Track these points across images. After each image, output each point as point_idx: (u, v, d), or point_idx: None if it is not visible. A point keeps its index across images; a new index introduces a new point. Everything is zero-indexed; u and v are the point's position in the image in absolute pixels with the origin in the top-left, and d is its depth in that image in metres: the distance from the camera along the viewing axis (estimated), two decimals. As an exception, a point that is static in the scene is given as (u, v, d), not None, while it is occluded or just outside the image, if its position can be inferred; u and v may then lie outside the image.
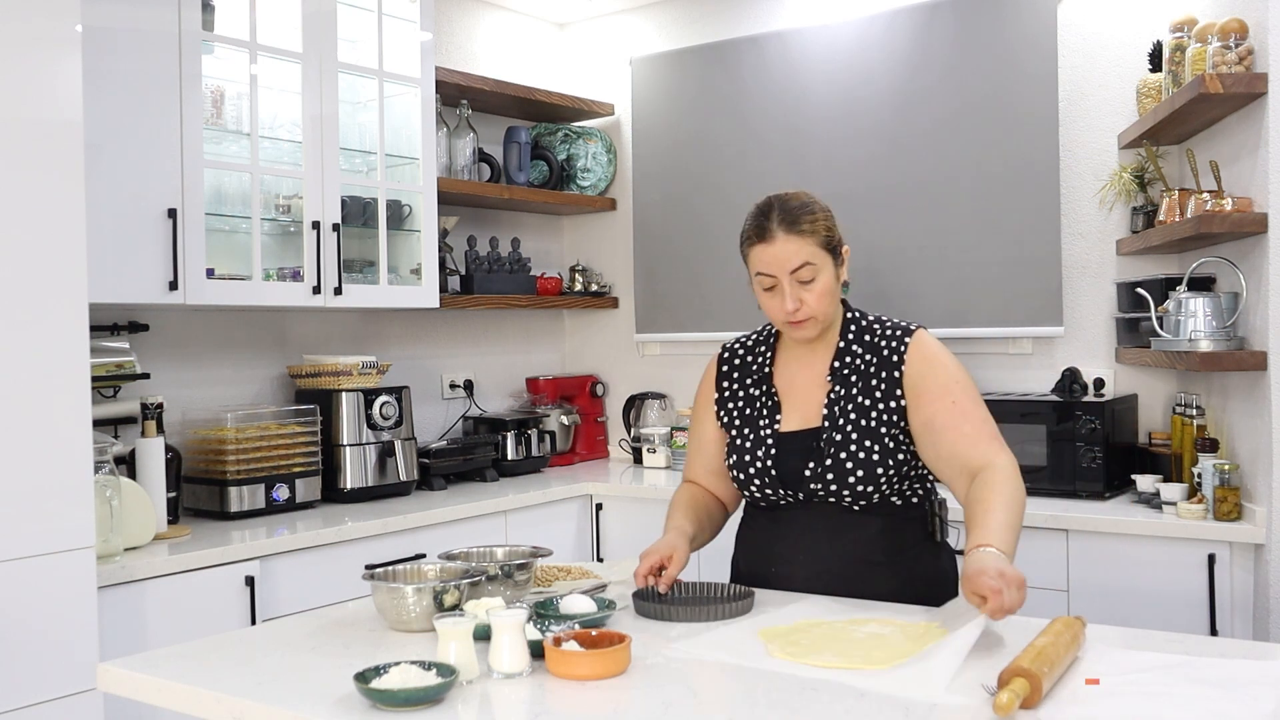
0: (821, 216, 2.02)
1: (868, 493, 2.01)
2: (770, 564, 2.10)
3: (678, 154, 4.25)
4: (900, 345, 2.05)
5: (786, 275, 1.98)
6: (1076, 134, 3.53)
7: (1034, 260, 3.52)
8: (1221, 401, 3.01)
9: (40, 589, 2.28)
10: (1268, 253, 2.65)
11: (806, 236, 1.98)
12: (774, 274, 2.00)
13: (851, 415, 2.03)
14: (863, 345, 2.08)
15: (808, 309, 2.00)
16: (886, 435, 2.01)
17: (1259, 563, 2.70)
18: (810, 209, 2.01)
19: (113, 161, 2.76)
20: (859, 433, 2.01)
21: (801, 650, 1.65)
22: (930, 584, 2.05)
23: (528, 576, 2.06)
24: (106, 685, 1.70)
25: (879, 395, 2.03)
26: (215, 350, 3.41)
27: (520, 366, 4.43)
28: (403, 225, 3.61)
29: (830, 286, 2.02)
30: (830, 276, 2.01)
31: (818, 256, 1.99)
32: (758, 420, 2.11)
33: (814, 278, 1.99)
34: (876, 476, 2.00)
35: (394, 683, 1.47)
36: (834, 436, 2.02)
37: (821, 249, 2.00)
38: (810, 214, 2.00)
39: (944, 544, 2.13)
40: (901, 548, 2.05)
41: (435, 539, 3.18)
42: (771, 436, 2.08)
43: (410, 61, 3.56)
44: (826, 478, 2.01)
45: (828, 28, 3.91)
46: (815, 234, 1.99)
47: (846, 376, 2.06)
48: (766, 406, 2.12)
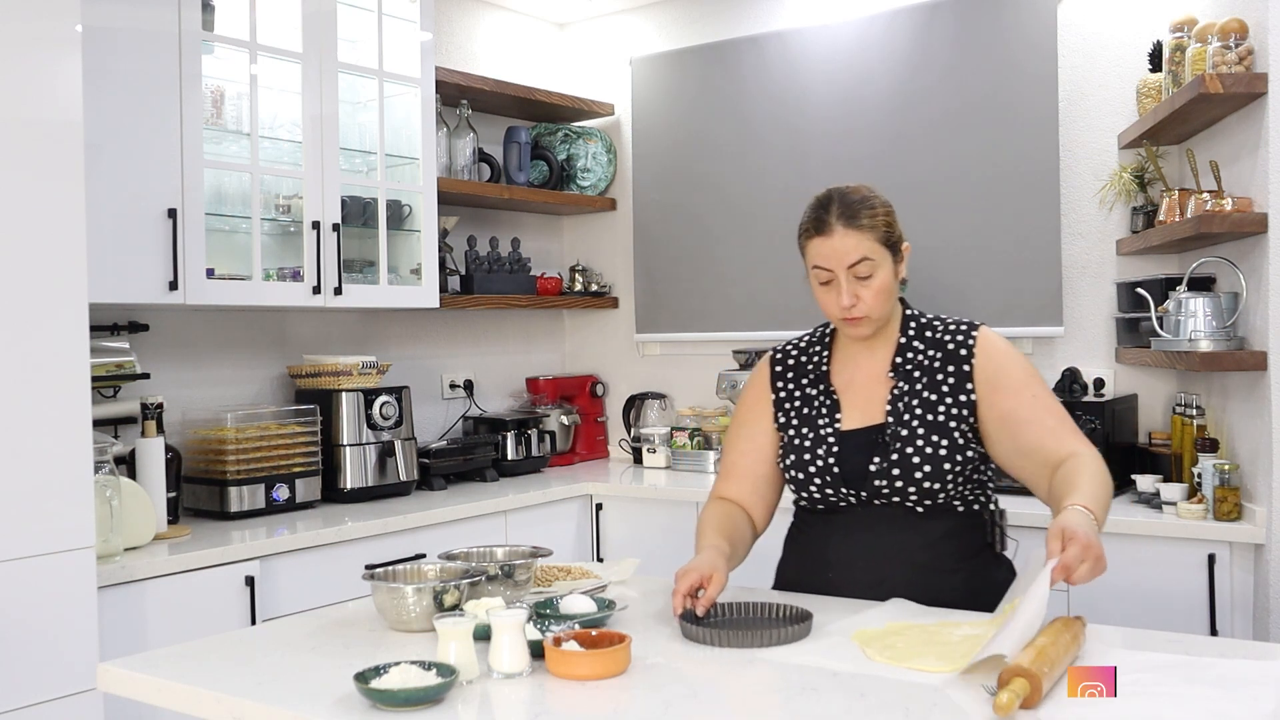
0: (882, 211, 1.98)
1: (933, 490, 1.96)
2: (826, 570, 2.03)
3: (678, 154, 4.24)
4: (968, 339, 2.02)
5: (844, 270, 1.95)
6: (1076, 134, 3.52)
7: (1034, 260, 3.52)
8: (1221, 401, 3.01)
9: (40, 589, 2.28)
10: (1268, 253, 2.65)
11: (865, 231, 1.95)
12: (831, 268, 1.96)
13: (917, 410, 1.98)
14: (924, 341, 2.04)
15: (863, 306, 1.97)
16: (955, 430, 1.96)
17: (1259, 563, 2.70)
18: (870, 203, 1.97)
19: (113, 161, 2.75)
20: (925, 427, 1.97)
21: (899, 654, 1.61)
22: (994, 596, 1.94)
23: (528, 576, 2.06)
24: (106, 685, 1.70)
25: (946, 390, 1.99)
26: (215, 350, 3.41)
27: (520, 366, 4.43)
28: (403, 225, 3.61)
29: (888, 284, 1.98)
30: (888, 273, 1.98)
31: (876, 252, 1.96)
32: (816, 420, 2.06)
33: (872, 274, 1.95)
34: (944, 473, 1.95)
35: (394, 683, 1.47)
36: (899, 431, 1.97)
37: (881, 245, 1.96)
38: (870, 208, 1.96)
39: (1002, 557, 2.09)
40: (965, 555, 2.00)
41: (435, 539, 3.18)
42: (833, 435, 2.03)
43: (410, 61, 3.56)
44: (892, 473, 1.96)
45: (828, 28, 3.91)
46: (875, 229, 1.96)
47: (910, 372, 2.02)
48: (825, 405, 2.07)
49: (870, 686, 1.51)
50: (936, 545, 1.98)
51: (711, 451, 3.97)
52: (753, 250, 4.05)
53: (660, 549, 3.56)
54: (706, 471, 3.92)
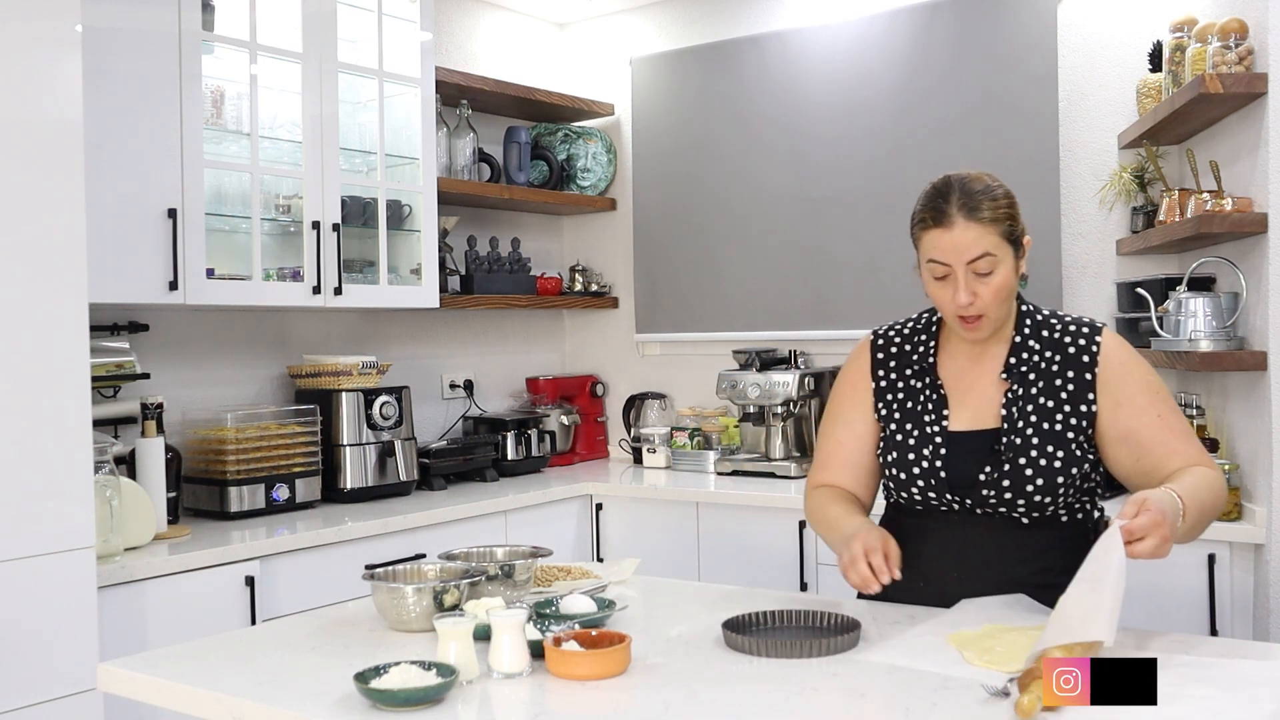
0: (1005, 203, 1.84)
1: (1044, 504, 1.86)
2: (918, 578, 1.88)
3: (678, 154, 4.24)
4: (1091, 345, 1.88)
5: (963, 266, 1.81)
6: (1076, 134, 3.52)
7: (1034, 260, 3.45)
8: (1221, 401, 3.01)
9: (40, 589, 2.28)
10: (1268, 253, 2.65)
11: (988, 225, 1.80)
12: (949, 263, 1.82)
13: (1032, 417, 1.87)
14: (1041, 341, 1.91)
15: (981, 304, 1.83)
16: (1073, 442, 1.85)
17: (1259, 563, 2.70)
18: (993, 193, 1.83)
19: (113, 161, 2.75)
20: (1040, 437, 1.85)
21: (999, 658, 1.57)
22: None
23: (528, 576, 2.06)
24: (106, 685, 1.70)
25: (1065, 397, 1.87)
26: (215, 350, 3.41)
27: (520, 366, 4.43)
28: (403, 225, 3.61)
29: (1008, 282, 1.84)
30: (1009, 270, 1.84)
31: (999, 248, 1.82)
32: (922, 416, 1.94)
33: (992, 270, 1.81)
34: (1056, 486, 1.85)
35: (394, 683, 1.47)
36: (1014, 440, 1.86)
37: (1004, 239, 1.82)
38: (994, 199, 1.82)
39: None
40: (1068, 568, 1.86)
41: (435, 539, 3.18)
42: (940, 435, 1.91)
43: (410, 61, 3.56)
44: (1002, 484, 1.85)
45: (828, 28, 3.91)
46: (998, 222, 1.81)
47: (1025, 375, 1.89)
48: (932, 401, 1.94)
49: (870, 686, 1.51)
50: (1038, 558, 1.88)
51: (711, 451, 3.97)
52: (753, 250, 4.05)
53: (660, 549, 3.57)
54: (706, 471, 3.92)
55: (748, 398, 3.83)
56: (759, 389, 3.80)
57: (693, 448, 4.04)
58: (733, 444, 4.05)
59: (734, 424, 4.06)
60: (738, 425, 4.03)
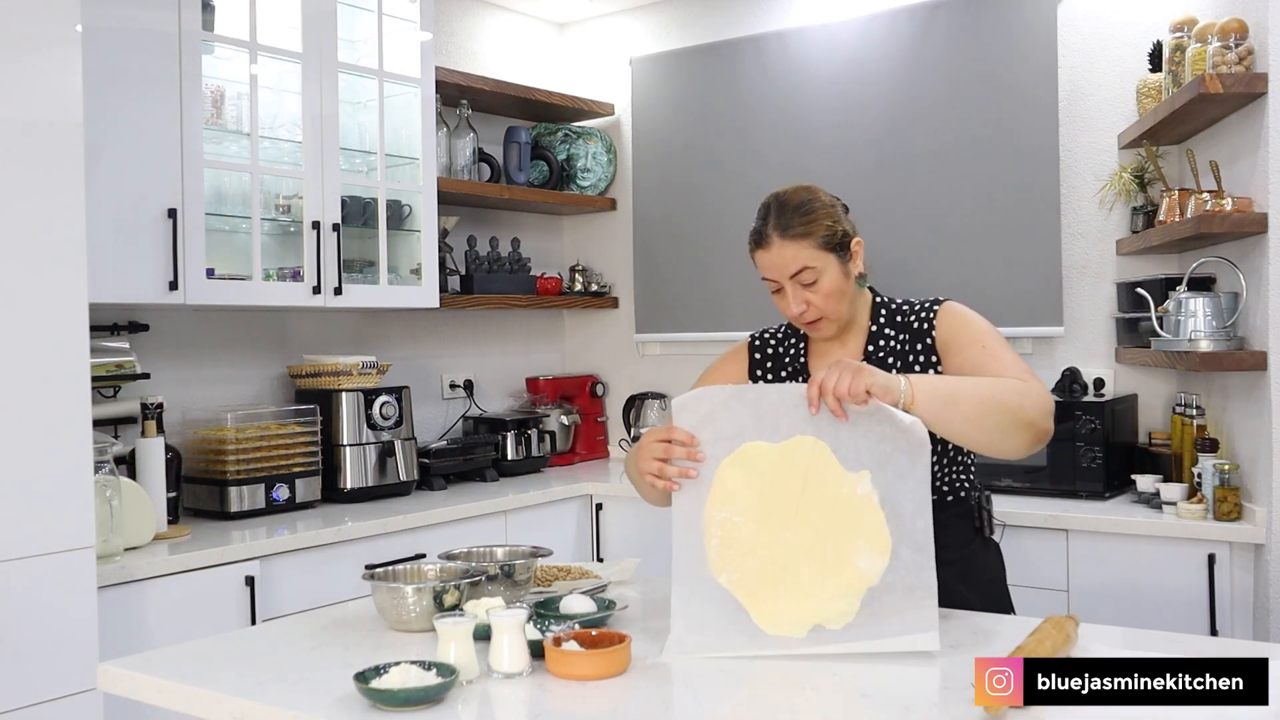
0: (820, 214, 1.94)
1: None
2: None
3: (678, 154, 4.24)
4: (929, 314, 2.00)
5: (787, 280, 1.95)
6: (1076, 134, 3.52)
7: (1034, 260, 3.52)
8: (1221, 401, 3.01)
9: (40, 589, 2.28)
10: (1268, 253, 2.65)
11: (802, 240, 1.92)
12: (775, 279, 1.96)
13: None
14: (894, 327, 2.03)
15: (815, 309, 1.96)
16: None
17: (1259, 563, 2.70)
18: (807, 208, 1.94)
19: (113, 161, 2.76)
20: None
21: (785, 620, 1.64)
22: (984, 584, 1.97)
23: (528, 576, 2.06)
24: (106, 685, 1.70)
25: (917, 369, 1.98)
26: (215, 350, 3.41)
27: (520, 366, 4.43)
28: (403, 225, 3.61)
29: (836, 286, 1.95)
30: (835, 275, 1.95)
31: (817, 259, 1.93)
32: None
33: (816, 280, 1.93)
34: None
35: (394, 683, 1.47)
36: None
37: (821, 250, 1.93)
38: (807, 214, 1.93)
39: (992, 540, 2.09)
40: (958, 544, 1.98)
41: (435, 539, 3.18)
42: None
43: (410, 61, 3.56)
44: None
45: (828, 28, 3.91)
46: (812, 235, 1.93)
47: (883, 360, 2.01)
48: None
49: (871, 686, 1.51)
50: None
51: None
52: (753, 250, 4.05)
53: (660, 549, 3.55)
54: (706, 471, 3.91)
55: (748, 398, 3.83)
56: (759, 389, 3.80)
57: (693, 448, 4.04)
58: (733, 444, 4.05)
59: (734, 424, 4.05)
60: (738, 425, 4.03)
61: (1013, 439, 1.77)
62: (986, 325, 1.97)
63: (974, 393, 1.76)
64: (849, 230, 1.99)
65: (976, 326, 1.96)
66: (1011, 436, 1.77)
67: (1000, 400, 1.76)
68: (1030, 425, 1.77)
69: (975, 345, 1.92)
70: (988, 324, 1.98)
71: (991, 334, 1.95)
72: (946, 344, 1.97)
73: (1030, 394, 1.79)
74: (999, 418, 1.75)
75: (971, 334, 1.94)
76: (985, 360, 1.89)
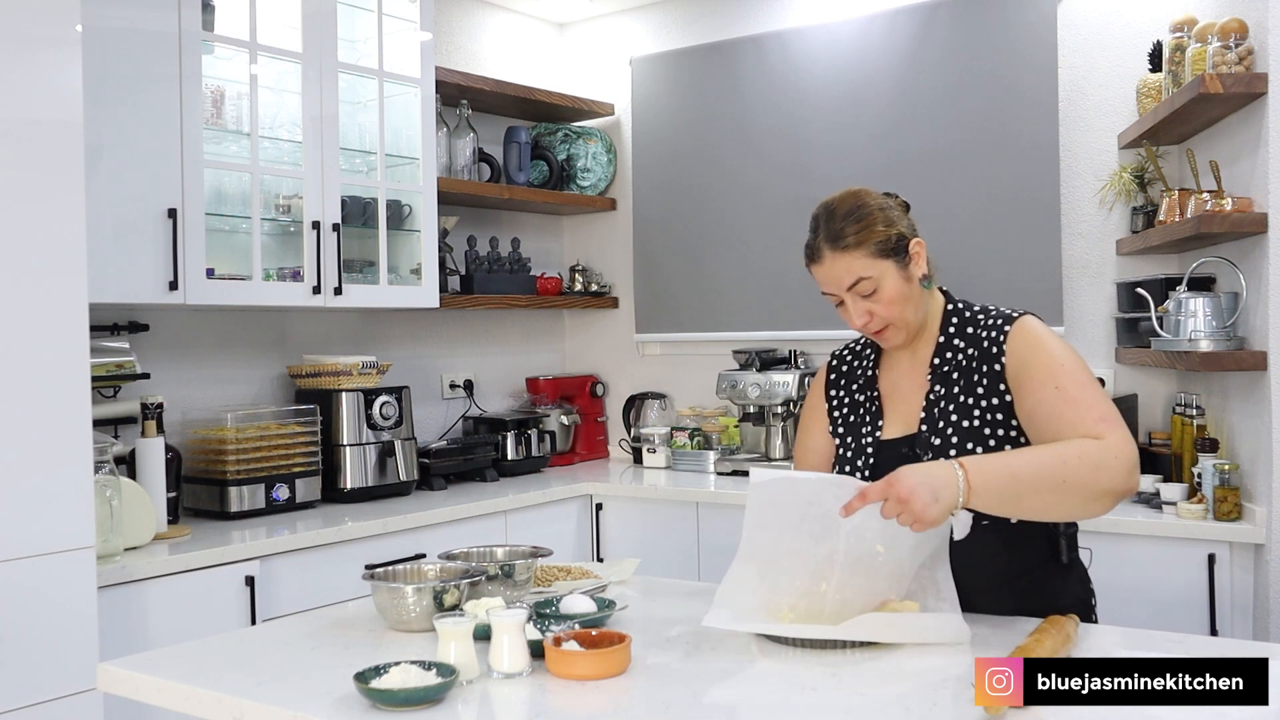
0: (871, 220, 1.85)
1: None
2: None
3: (678, 154, 4.24)
4: (1000, 335, 1.86)
5: (845, 293, 1.87)
6: (1076, 134, 3.52)
7: (1034, 260, 3.52)
8: (1221, 401, 3.01)
9: (40, 589, 2.28)
10: (1268, 253, 2.65)
11: (855, 251, 1.83)
12: (833, 292, 1.89)
13: (953, 417, 1.86)
14: (964, 338, 1.91)
15: (879, 319, 1.87)
16: (991, 436, 1.83)
17: (1259, 563, 2.70)
18: (858, 215, 1.85)
19: (113, 161, 2.75)
20: (960, 435, 1.84)
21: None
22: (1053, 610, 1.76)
23: (528, 576, 2.06)
24: (106, 685, 1.70)
25: (981, 392, 1.85)
26: (215, 350, 3.41)
27: (520, 366, 4.43)
28: (403, 225, 3.61)
29: (898, 292, 1.86)
30: (895, 282, 1.86)
31: (873, 268, 1.84)
32: (860, 428, 1.98)
33: (875, 289, 1.85)
34: None
35: (394, 683, 1.47)
36: (931, 441, 1.85)
37: (876, 258, 1.84)
38: (857, 222, 1.85)
39: (1074, 564, 1.93)
40: (1024, 569, 1.86)
41: (435, 539, 3.18)
42: (872, 445, 1.94)
43: (410, 61, 3.56)
44: None
45: (828, 27, 3.91)
46: (865, 244, 1.84)
47: (947, 374, 1.90)
48: (870, 412, 1.98)
49: (871, 686, 1.51)
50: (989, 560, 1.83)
51: (711, 451, 3.98)
52: (753, 250, 4.05)
53: (660, 549, 3.57)
54: (706, 471, 3.92)
55: (748, 398, 3.83)
56: (759, 389, 3.80)
57: (693, 448, 4.05)
58: (733, 444, 4.06)
59: (734, 424, 4.06)
60: (738, 425, 4.03)
61: (1087, 511, 1.70)
62: (1062, 352, 1.82)
63: (1038, 480, 1.66)
64: (905, 232, 1.89)
65: (1050, 356, 1.81)
66: (1085, 510, 1.70)
67: (1070, 482, 1.66)
68: (1108, 494, 1.67)
69: (1048, 385, 1.78)
70: (1064, 349, 1.84)
71: (1068, 367, 1.80)
72: (1017, 376, 1.83)
73: (1108, 458, 1.67)
74: (1071, 499, 1.67)
75: (1045, 367, 1.80)
76: (1060, 407, 1.75)
